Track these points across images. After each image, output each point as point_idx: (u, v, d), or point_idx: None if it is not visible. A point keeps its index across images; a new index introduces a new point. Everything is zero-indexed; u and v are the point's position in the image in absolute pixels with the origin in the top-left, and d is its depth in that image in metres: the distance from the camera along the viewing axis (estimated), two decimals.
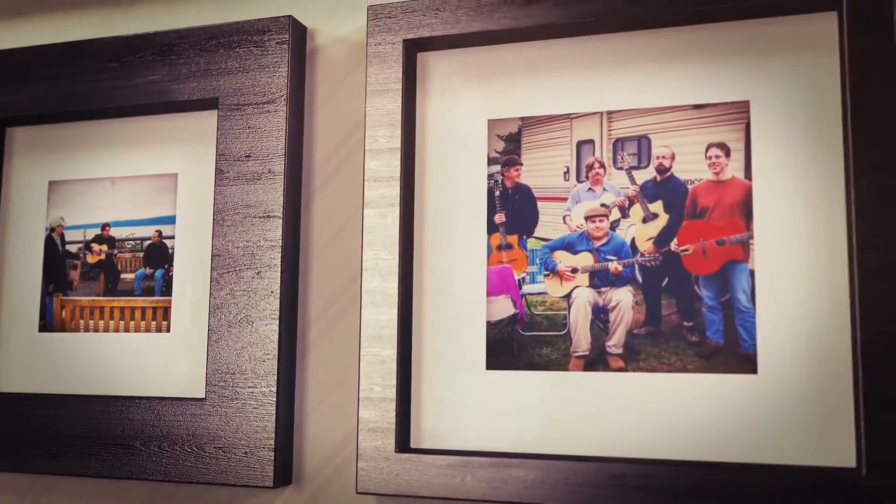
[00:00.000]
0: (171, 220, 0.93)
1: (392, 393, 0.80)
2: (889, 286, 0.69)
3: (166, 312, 0.92)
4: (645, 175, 0.79)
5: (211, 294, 0.87)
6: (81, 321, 0.96)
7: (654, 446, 0.75)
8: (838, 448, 0.71)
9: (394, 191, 0.83)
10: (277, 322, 0.85)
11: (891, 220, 0.69)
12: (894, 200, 0.69)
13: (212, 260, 0.88)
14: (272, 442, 0.83)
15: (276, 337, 0.85)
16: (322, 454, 0.85)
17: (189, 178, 0.93)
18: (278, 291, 0.85)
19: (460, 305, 0.82)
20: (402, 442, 0.81)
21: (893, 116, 0.70)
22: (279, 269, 0.85)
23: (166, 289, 0.93)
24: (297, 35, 0.89)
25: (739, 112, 0.77)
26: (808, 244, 0.73)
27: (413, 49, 0.85)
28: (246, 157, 0.88)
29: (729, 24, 0.78)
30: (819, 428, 0.71)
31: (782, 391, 0.73)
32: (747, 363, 0.74)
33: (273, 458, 0.83)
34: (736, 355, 0.75)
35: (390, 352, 0.81)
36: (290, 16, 0.88)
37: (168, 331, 0.92)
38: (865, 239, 0.70)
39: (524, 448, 0.78)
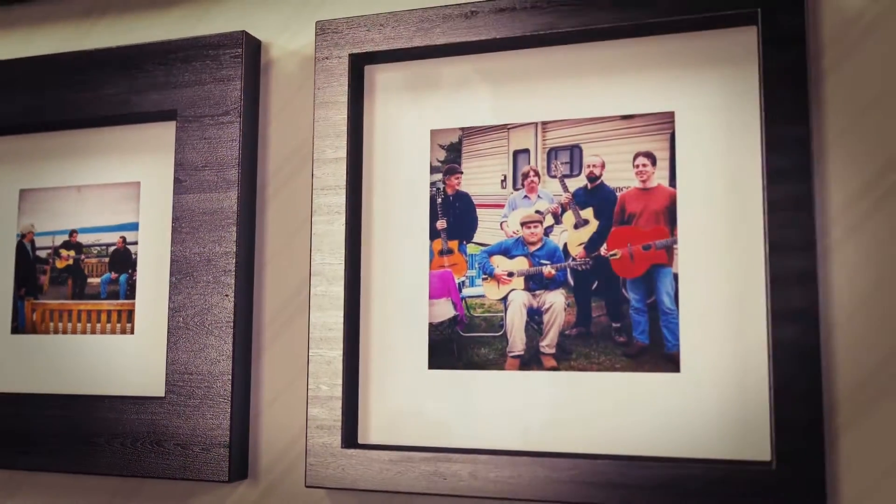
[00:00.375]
0: (134, 226, 0.98)
1: (339, 392, 0.84)
2: (799, 290, 0.72)
3: (130, 315, 0.97)
4: (577, 183, 0.83)
5: (170, 298, 0.92)
6: (51, 323, 1.00)
7: (583, 442, 0.79)
8: (755, 442, 0.74)
9: (340, 199, 0.86)
10: (232, 325, 0.89)
11: (803, 225, 0.73)
12: (806, 206, 0.73)
13: (171, 265, 0.92)
14: (227, 439, 0.88)
15: (230, 339, 0.89)
16: (276, 450, 0.90)
17: (150, 186, 0.97)
18: (233, 296, 0.89)
19: (404, 308, 0.86)
20: (349, 438, 0.85)
21: (804, 126, 0.73)
22: (234, 274, 0.90)
23: (130, 292, 0.97)
24: (251, 49, 0.93)
25: (665, 122, 0.80)
26: (728, 248, 0.77)
27: (359, 62, 0.89)
28: (203, 166, 0.92)
29: (655, 39, 0.81)
30: (736, 423, 0.75)
31: (703, 389, 0.77)
32: (670, 362, 0.78)
33: (228, 454, 0.87)
34: (660, 355, 0.78)
35: (337, 353, 0.85)
36: (243, 31, 0.92)
37: (132, 332, 0.96)
38: (778, 244, 0.73)
39: (462, 443, 0.82)
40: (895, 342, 0.72)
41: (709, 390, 0.76)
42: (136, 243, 0.97)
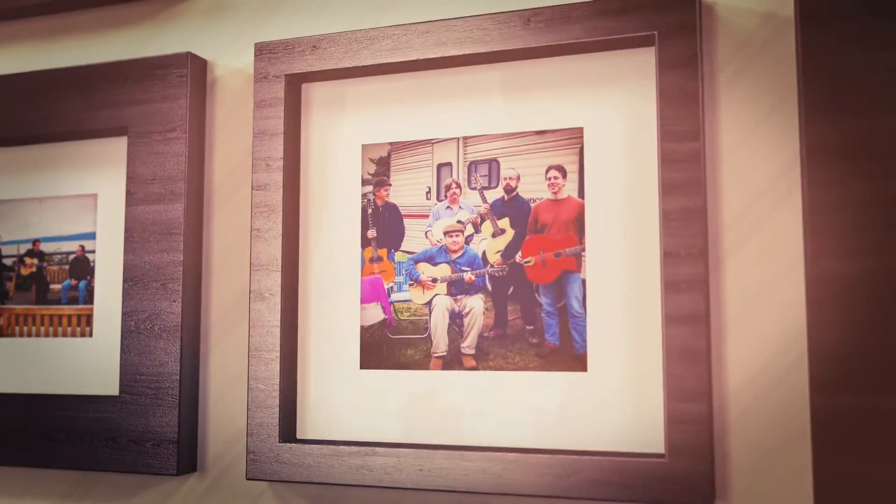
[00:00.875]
0: (92, 235, 1.04)
1: (276, 391, 0.91)
2: (690, 295, 0.78)
3: (89, 319, 1.03)
4: (494, 194, 0.88)
5: (123, 303, 0.98)
6: (17, 327, 1.06)
7: (501, 436, 0.85)
8: (651, 437, 0.80)
9: (278, 210, 0.92)
10: (179, 329, 0.95)
11: (695, 234, 0.78)
12: (697, 218, 0.78)
13: (124, 272, 0.98)
14: (175, 435, 0.94)
15: (178, 343, 0.95)
16: (221, 445, 0.96)
17: (106, 198, 1.03)
18: (180, 302, 0.95)
19: (338, 312, 0.92)
20: (286, 434, 0.91)
21: (697, 142, 0.79)
22: (181, 281, 0.96)
23: (89, 298, 1.03)
24: (197, 69, 0.99)
25: (575, 137, 0.86)
26: (630, 256, 0.83)
27: (295, 82, 0.95)
28: (152, 179, 0.98)
29: (566, 59, 0.86)
30: (635, 419, 0.81)
31: (608, 387, 0.82)
32: (579, 362, 0.84)
33: (176, 449, 0.94)
34: (569, 355, 0.84)
35: (275, 355, 0.91)
36: (188, 52, 0.98)
37: (91, 336, 1.02)
38: (671, 252, 0.79)
39: (390, 438, 0.89)
40: (778, 344, 0.78)
41: (613, 388, 0.82)
42: (94, 251, 1.03)
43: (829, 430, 0.72)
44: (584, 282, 0.84)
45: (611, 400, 0.82)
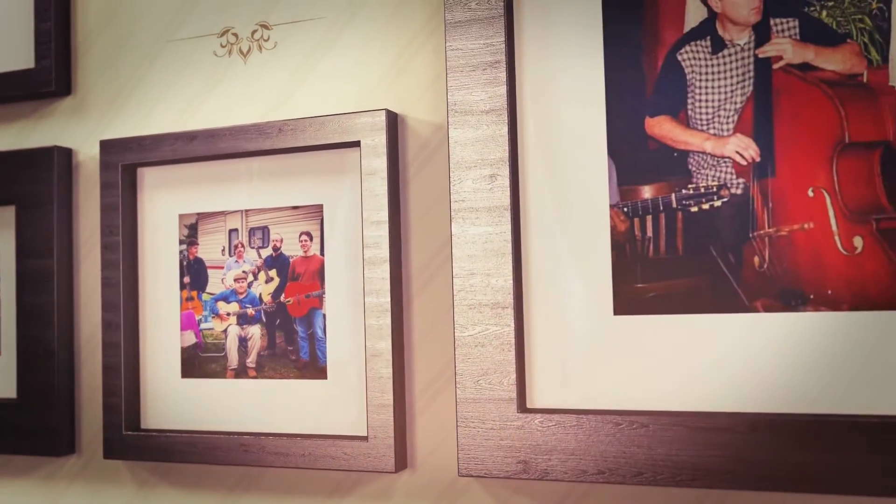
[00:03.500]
0: None
1: (121, 391, 1.26)
2: (383, 321, 1.12)
3: None
4: (267, 252, 1.22)
5: (17, 330, 1.33)
6: None
7: (269, 425, 1.20)
8: (356, 421, 1.15)
9: (118, 263, 1.27)
10: (56, 352, 1.30)
11: (382, 279, 1.12)
12: (386, 266, 1.12)
13: (17, 309, 1.34)
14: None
15: (54, 361, 1.30)
16: (93, 434, 1.32)
17: (4, 252, 1.38)
18: (56, 329, 1.30)
19: (166, 337, 1.27)
20: (130, 424, 1.27)
21: (396, 219, 1.12)
22: (55, 315, 1.31)
23: None
24: (63, 156, 1.33)
25: (317, 211, 1.19)
26: (355, 297, 1.17)
27: (130, 169, 1.29)
28: (31, 240, 1.33)
29: (309, 154, 1.20)
30: (360, 412, 1.16)
31: (340, 390, 1.17)
32: (322, 372, 1.18)
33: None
34: (316, 367, 1.19)
35: (118, 359, 1.26)
36: (55, 146, 1.32)
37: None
38: (371, 291, 1.13)
39: (200, 428, 1.24)
40: (448, 356, 1.12)
41: (344, 390, 1.17)
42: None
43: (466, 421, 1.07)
44: (324, 315, 1.18)
45: (343, 399, 1.17)
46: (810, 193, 0.97)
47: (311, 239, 1.20)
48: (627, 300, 1.04)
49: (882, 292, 0.94)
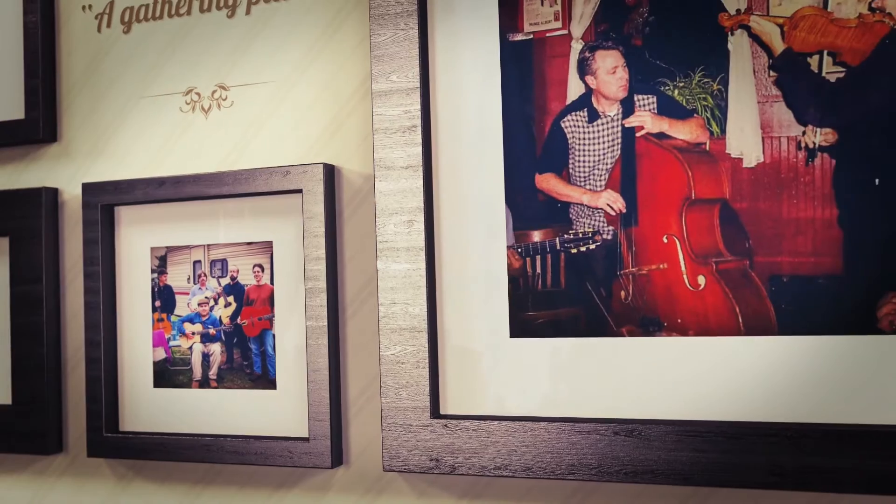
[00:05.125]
0: None
1: (102, 399, 1.47)
2: (321, 340, 1.33)
3: None
4: (225, 281, 1.43)
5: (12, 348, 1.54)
6: None
7: (226, 428, 1.41)
8: (300, 425, 1.36)
9: (98, 290, 1.47)
10: (44, 362, 1.51)
11: (320, 307, 1.33)
12: (323, 295, 1.33)
13: (11, 329, 1.54)
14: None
15: (42, 374, 1.51)
16: (78, 435, 1.53)
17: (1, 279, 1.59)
18: (45, 345, 1.51)
19: (140, 353, 1.48)
20: (110, 427, 1.48)
21: (331, 251, 1.33)
22: (44, 336, 1.51)
23: None
24: (50, 195, 1.53)
25: (267, 247, 1.41)
26: (299, 321, 1.38)
27: (109, 209, 1.49)
28: (25, 267, 1.53)
29: (261, 198, 1.41)
30: (301, 417, 1.37)
31: (287, 399, 1.38)
32: (272, 384, 1.39)
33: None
34: (266, 380, 1.40)
35: (100, 374, 1.47)
36: (43, 187, 1.52)
37: None
38: (311, 315, 1.34)
39: (169, 430, 1.45)
40: (375, 371, 1.33)
41: (291, 399, 1.38)
42: None
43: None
44: (274, 335, 1.40)
45: (289, 406, 1.38)
46: (665, 240, 1.19)
47: (263, 270, 1.41)
48: (521, 325, 1.25)
49: (720, 321, 1.16)
